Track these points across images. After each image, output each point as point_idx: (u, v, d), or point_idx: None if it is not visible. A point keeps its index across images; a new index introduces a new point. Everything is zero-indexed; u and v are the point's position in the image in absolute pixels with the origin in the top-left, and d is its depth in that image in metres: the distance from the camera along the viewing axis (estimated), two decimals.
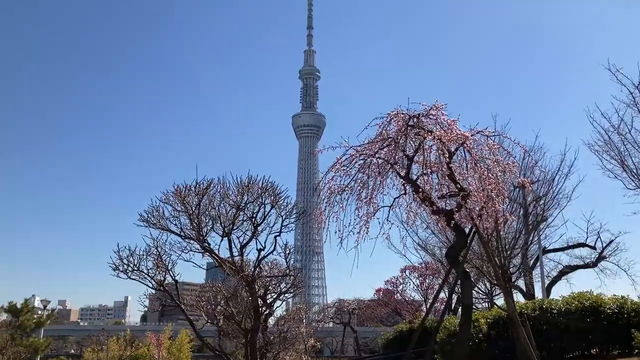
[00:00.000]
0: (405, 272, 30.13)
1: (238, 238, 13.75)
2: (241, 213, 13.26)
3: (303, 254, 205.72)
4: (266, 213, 13.94)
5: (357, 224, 11.16)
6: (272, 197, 13.71)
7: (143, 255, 13.31)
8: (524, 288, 25.89)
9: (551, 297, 24.36)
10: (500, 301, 25.53)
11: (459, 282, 10.97)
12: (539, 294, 25.41)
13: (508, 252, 15.87)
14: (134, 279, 13.34)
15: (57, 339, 68.26)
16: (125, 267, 13.24)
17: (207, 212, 12.70)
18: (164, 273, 13.39)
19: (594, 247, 27.43)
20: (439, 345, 15.37)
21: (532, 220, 18.31)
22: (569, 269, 28.95)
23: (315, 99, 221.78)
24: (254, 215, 13.64)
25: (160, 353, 31.31)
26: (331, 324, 40.94)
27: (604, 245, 27.10)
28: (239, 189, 13.11)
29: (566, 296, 15.81)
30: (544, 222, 18.43)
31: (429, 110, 10.22)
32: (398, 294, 31.52)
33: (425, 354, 14.73)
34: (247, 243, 13.75)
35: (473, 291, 14.01)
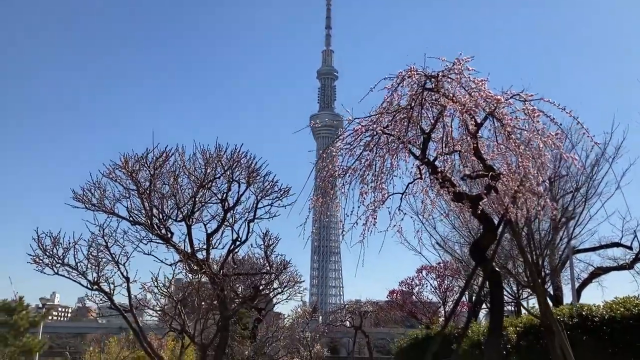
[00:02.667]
0: (421, 272, 27.98)
1: (205, 225, 11.50)
2: (206, 192, 10.99)
3: (320, 255, 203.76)
4: (240, 193, 11.23)
5: (362, 214, 9.20)
6: (248, 173, 10.98)
7: (71, 244, 10.78)
8: (551, 292, 23.61)
9: (582, 301, 22.15)
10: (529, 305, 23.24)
11: (486, 283, 8.94)
12: (567, 298, 23.13)
13: (544, 250, 13.70)
14: (62, 276, 11.01)
15: (75, 336, 68.57)
16: (50, 260, 10.80)
17: (161, 191, 10.38)
18: (96, 268, 10.91)
19: (630, 248, 25.01)
20: (459, 356, 13.28)
21: (565, 215, 16.01)
22: (601, 270, 26.52)
23: (333, 99, 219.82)
24: (224, 197, 11.14)
25: (160, 354, 29.33)
26: (347, 324, 38.86)
27: None
28: (205, 161, 10.68)
29: (609, 301, 13.60)
30: (580, 216, 16.14)
31: (451, 67, 8.16)
32: (414, 296, 29.35)
33: None
34: (215, 231, 11.09)
35: None
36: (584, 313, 12.96)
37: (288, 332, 19.45)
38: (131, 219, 10.13)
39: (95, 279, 10.40)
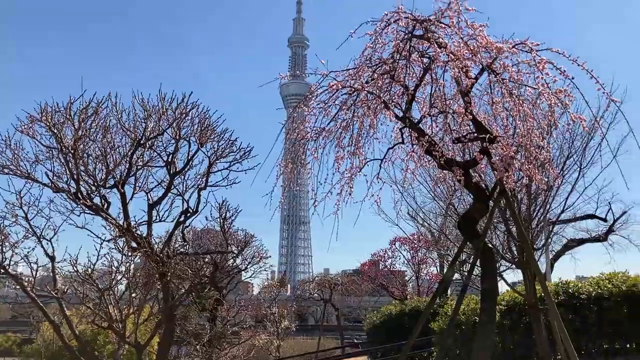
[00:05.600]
0: (394, 244, 27.21)
1: (148, 193, 9.73)
2: (146, 152, 9.25)
3: (289, 224, 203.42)
4: (191, 155, 9.23)
5: (337, 183, 8.05)
6: (200, 129, 9.01)
7: None
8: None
9: (554, 274, 21.68)
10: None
11: (477, 261, 7.92)
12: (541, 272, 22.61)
13: (531, 222, 12.78)
14: None
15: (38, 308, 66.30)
16: None
17: (89, 151, 8.56)
18: None
19: (604, 219, 24.58)
20: (438, 337, 12.40)
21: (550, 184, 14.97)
22: (575, 242, 26.17)
23: (304, 68, 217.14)
24: (170, 159, 9.10)
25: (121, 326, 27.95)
26: (316, 295, 38.20)
27: (616, 217, 24.31)
28: (145, 113, 8.88)
29: (596, 277, 12.88)
30: (562, 187, 15.21)
31: (445, 8, 6.91)
32: (385, 268, 28.64)
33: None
34: (159, 201, 9.14)
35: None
36: (570, 290, 12.20)
37: (252, 312, 18.25)
38: (52, 185, 8.32)
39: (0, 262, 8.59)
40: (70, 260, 9.26)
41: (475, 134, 7.63)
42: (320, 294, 34.45)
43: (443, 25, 7.13)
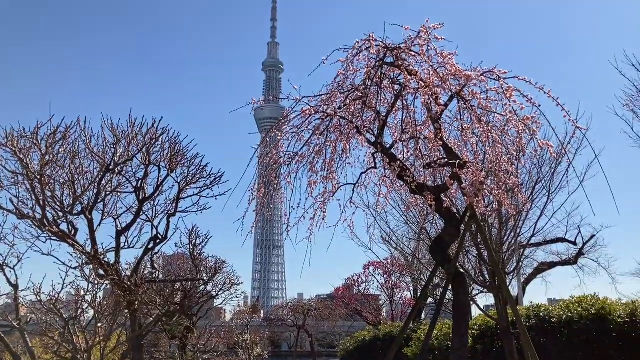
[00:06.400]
0: (368, 268, 27.22)
1: (116, 219, 9.52)
2: (115, 178, 9.07)
3: (263, 248, 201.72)
4: (161, 180, 8.98)
5: (310, 207, 8.04)
6: (170, 155, 8.79)
7: None
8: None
9: (526, 297, 21.91)
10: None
11: (448, 285, 7.93)
12: (513, 295, 22.82)
13: (511, 246, 12.94)
14: None
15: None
16: None
17: (56, 177, 8.37)
18: None
19: (574, 243, 24.99)
20: None
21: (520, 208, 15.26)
22: (546, 266, 26.52)
23: (279, 92, 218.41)
24: (139, 185, 8.89)
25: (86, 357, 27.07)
26: (289, 321, 37.68)
27: (585, 240, 24.79)
28: (115, 138, 8.77)
29: (566, 300, 13.04)
30: (531, 211, 15.50)
31: (415, 37, 7.05)
32: (359, 293, 28.58)
33: None
34: (127, 227, 8.93)
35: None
36: (541, 314, 12.31)
37: (224, 339, 17.96)
38: (17, 211, 8.10)
39: None
40: (33, 289, 8.93)
41: (446, 160, 7.74)
42: (294, 319, 34.09)
43: (413, 53, 7.26)
